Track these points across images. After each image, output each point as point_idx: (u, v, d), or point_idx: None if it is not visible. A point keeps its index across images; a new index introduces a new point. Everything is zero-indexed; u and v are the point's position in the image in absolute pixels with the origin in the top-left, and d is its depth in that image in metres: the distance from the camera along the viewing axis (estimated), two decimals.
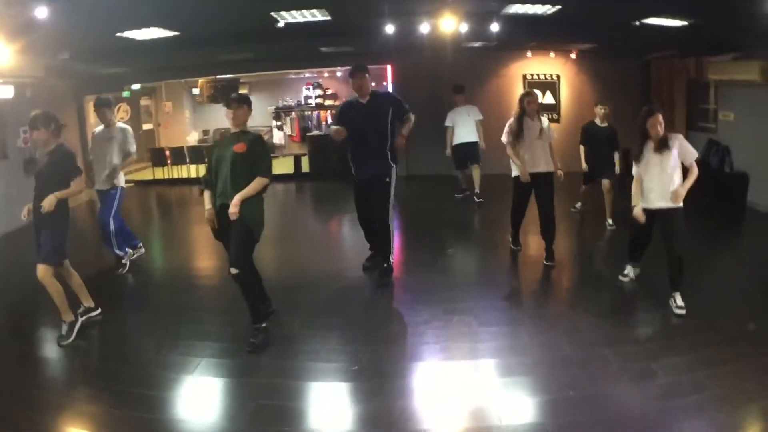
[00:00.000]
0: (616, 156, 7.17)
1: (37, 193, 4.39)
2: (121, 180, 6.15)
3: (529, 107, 5.79)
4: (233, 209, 4.03)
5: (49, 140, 4.42)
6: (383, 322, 4.68)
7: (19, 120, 8.62)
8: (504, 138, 5.92)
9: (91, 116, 13.21)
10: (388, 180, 5.34)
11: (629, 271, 5.31)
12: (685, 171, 4.68)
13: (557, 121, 11.27)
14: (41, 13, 4.87)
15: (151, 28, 6.65)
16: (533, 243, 6.91)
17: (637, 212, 4.73)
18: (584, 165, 7.31)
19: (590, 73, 11.32)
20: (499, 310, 4.81)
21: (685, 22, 6.90)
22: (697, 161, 4.71)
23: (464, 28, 6.97)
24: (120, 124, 6.24)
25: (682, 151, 4.65)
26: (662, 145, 4.62)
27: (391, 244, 5.52)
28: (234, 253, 4.13)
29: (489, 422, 3.23)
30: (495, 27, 7.05)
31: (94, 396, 3.62)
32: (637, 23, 6.99)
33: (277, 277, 5.55)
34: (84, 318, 4.65)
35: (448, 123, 9.21)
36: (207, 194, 4.30)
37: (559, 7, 6.39)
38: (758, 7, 5.09)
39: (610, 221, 7.25)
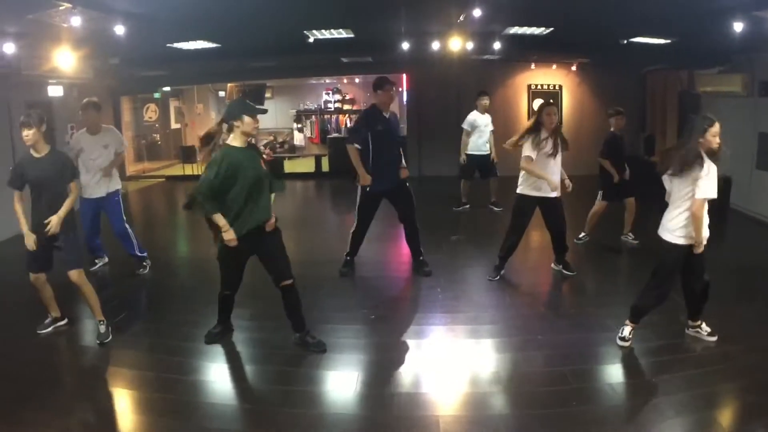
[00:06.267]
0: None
1: (41, 202, 4.33)
2: (117, 182, 6.22)
3: (547, 119, 5.30)
4: (273, 220, 4.12)
5: (39, 141, 4.26)
6: None
7: (67, 117, 9.44)
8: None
9: (126, 114, 14.23)
10: (408, 185, 5.78)
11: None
12: None
13: None
14: (117, 29, 5.66)
15: (198, 41, 7.64)
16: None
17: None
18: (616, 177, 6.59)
19: (590, 84, 12.13)
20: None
21: (668, 41, 7.77)
22: None
23: (470, 45, 7.89)
24: (107, 127, 6.25)
25: None
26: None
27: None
28: (284, 266, 4.17)
29: None
30: (497, 45, 7.97)
31: None
32: (625, 42, 7.88)
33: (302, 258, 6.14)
34: (52, 328, 4.63)
35: (466, 126, 8.43)
36: (219, 216, 3.92)
37: (552, 29, 7.30)
38: (731, 27, 5.53)
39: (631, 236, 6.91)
